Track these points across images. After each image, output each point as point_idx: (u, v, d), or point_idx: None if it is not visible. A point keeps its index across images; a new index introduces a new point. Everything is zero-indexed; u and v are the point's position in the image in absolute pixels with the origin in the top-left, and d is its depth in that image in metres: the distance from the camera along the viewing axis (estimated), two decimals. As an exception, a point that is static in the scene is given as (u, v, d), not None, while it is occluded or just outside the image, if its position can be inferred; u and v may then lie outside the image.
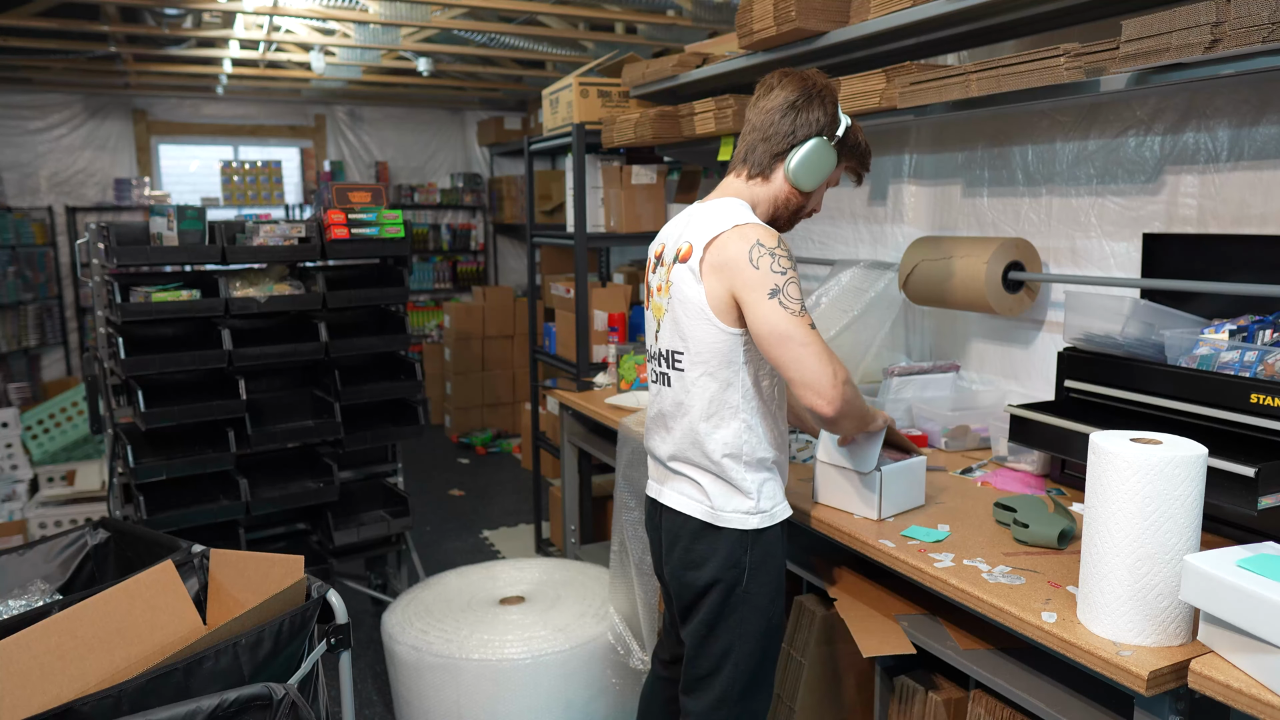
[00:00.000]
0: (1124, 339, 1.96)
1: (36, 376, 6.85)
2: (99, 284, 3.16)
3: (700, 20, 4.46)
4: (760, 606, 1.76)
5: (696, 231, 1.70)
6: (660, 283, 1.79)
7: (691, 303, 1.69)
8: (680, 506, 1.78)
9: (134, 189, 6.95)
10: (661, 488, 1.86)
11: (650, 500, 1.93)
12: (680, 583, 1.80)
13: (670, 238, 1.81)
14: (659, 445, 1.85)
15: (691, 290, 1.68)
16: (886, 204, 3.07)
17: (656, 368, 1.82)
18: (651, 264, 1.87)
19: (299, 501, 3.23)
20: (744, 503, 1.73)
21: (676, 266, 1.72)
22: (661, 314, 1.78)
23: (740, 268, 1.62)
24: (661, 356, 1.80)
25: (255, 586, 1.75)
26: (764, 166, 1.78)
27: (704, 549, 1.75)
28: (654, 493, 1.89)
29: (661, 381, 1.81)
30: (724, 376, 1.70)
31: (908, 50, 2.57)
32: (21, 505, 4.34)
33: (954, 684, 1.82)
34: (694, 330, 1.70)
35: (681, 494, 1.79)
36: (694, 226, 1.73)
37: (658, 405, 1.83)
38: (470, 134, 8.37)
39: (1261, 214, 1.99)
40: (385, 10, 4.40)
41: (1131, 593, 1.34)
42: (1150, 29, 1.65)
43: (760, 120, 1.78)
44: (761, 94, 1.80)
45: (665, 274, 1.77)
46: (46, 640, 1.44)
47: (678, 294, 1.72)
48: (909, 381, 2.60)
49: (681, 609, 1.83)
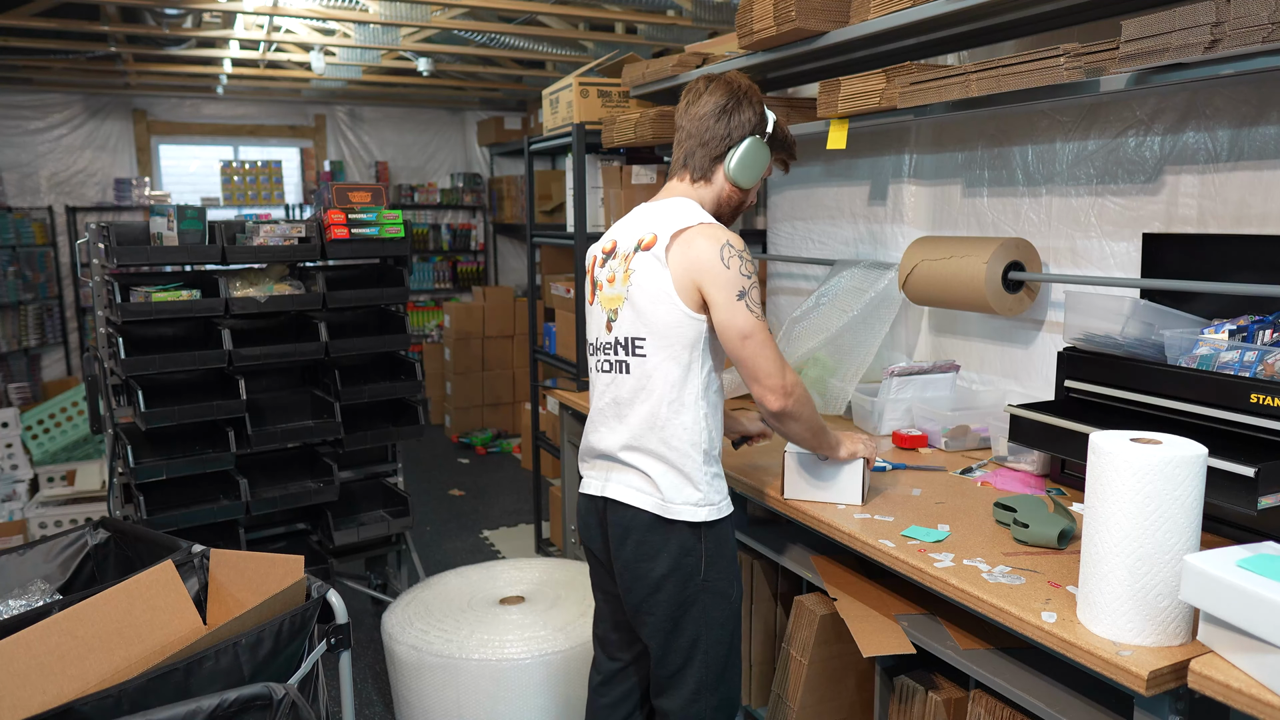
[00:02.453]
0: (1124, 339, 1.96)
1: (36, 376, 6.85)
2: (99, 284, 3.16)
3: (700, 20, 4.47)
4: (721, 590, 1.81)
5: (659, 224, 1.77)
6: (613, 274, 1.83)
7: (657, 287, 1.74)
8: (630, 500, 1.78)
9: (134, 189, 6.95)
10: (606, 483, 1.84)
11: (588, 499, 1.90)
12: (634, 576, 1.80)
13: (623, 234, 1.86)
14: (607, 437, 1.84)
15: (657, 275, 1.74)
16: (886, 204, 3.07)
17: (610, 357, 1.83)
18: (598, 259, 1.91)
19: (299, 501, 3.23)
20: (693, 494, 1.76)
21: (639, 255, 1.78)
22: (618, 303, 1.81)
23: (710, 264, 1.70)
24: (618, 345, 1.81)
25: (255, 586, 1.75)
26: (705, 170, 1.87)
27: (656, 540, 1.77)
28: (595, 489, 1.87)
29: (617, 369, 1.82)
30: (685, 360, 1.75)
31: (908, 50, 2.57)
32: (21, 505, 4.34)
33: (954, 684, 1.82)
34: (658, 314, 1.74)
35: (630, 486, 1.79)
36: (653, 221, 1.80)
37: (610, 394, 1.83)
38: (470, 134, 8.37)
39: (1261, 214, 1.99)
40: (385, 10, 4.40)
41: (1131, 593, 1.34)
42: (1150, 29, 1.65)
43: (695, 127, 1.86)
44: (690, 100, 1.88)
45: (623, 265, 1.81)
46: (46, 640, 1.44)
47: (640, 280, 1.76)
48: (909, 381, 2.60)
49: (635, 606, 1.83)
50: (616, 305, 1.82)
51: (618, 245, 1.85)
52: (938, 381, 2.65)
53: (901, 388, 2.59)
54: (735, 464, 2.33)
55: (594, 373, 1.90)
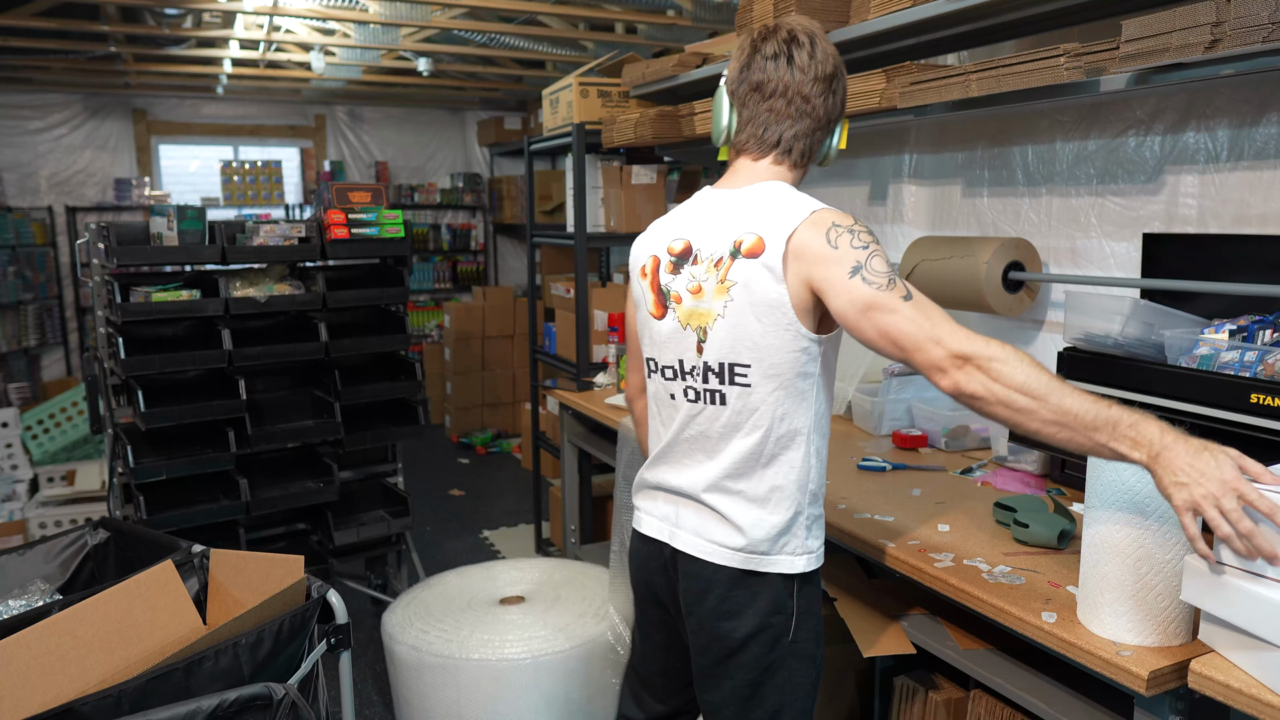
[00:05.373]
0: (1124, 339, 1.96)
1: (36, 376, 6.85)
2: (99, 284, 3.16)
3: (700, 20, 4.46)
4: (809, 654, 1.54)
5: (760, 222, 1.43)
6: (698, 284, 1.48)
7: (769, 305, 1.41)
8: (708, 555, 1.51)
9: (134, 189, 6.95)
10: (675, 529, 1.56)
11: (649, 543, 1.63)
12: (711, 636, 1.52)
13: (701, 232, 1.51)
14: (686, 474, 1.54)
15: (769, 290, 1.40)
16: (886, 204, 3.07)
17: (698, 385, 1.50)
18: (662, 262, 1.55)
19: (299, 501, 3.23)
20: (792, 542, 1.49)
21: (741, 263, 1.43)
22: (709, 320, 1.47)
23: (819, 258, 1.38)
24: (710, 371, 1.48)
25: (255, 586, 1.75)
26: (808, 153, 1.54)
27: (743, 596, 1.49)
28: (661, 533, 1.59)
29: (706, 399, 1.50)
30: (799, 390, 1.45)
31: (908, 50, 2.57)
32: (21, 505, 4.34)
33: (954, 684, 1.82)
34: (769, 337, 1.42)
35: (707, 539, 1.52)
36: (748, 216, 1.46)
37: (696, 427, 1.52)
38: (470, 134, 8.37)
39: (1261, 214, 1.99)
40: (385, 10, 4.40)
41: (1131, 593, 1.34)
42: (1150, 29, 1.65)
43: (809, 93, 1.48)
44: (794, 55, 1.47)
45: (712, 272, 1.47)
46: (46, 640, 1.44)
47: (744, 296, 1.43)
48: (909, 381, 2.60)
49: (708, 669, 1.55)
50: (706, 323, 1.47)
51: (695, 246, 1.50)
52: (938, 381, 2.64)
53: (901, 388, 2.59)
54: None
55: (663, 397, 1.58)
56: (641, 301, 1.60)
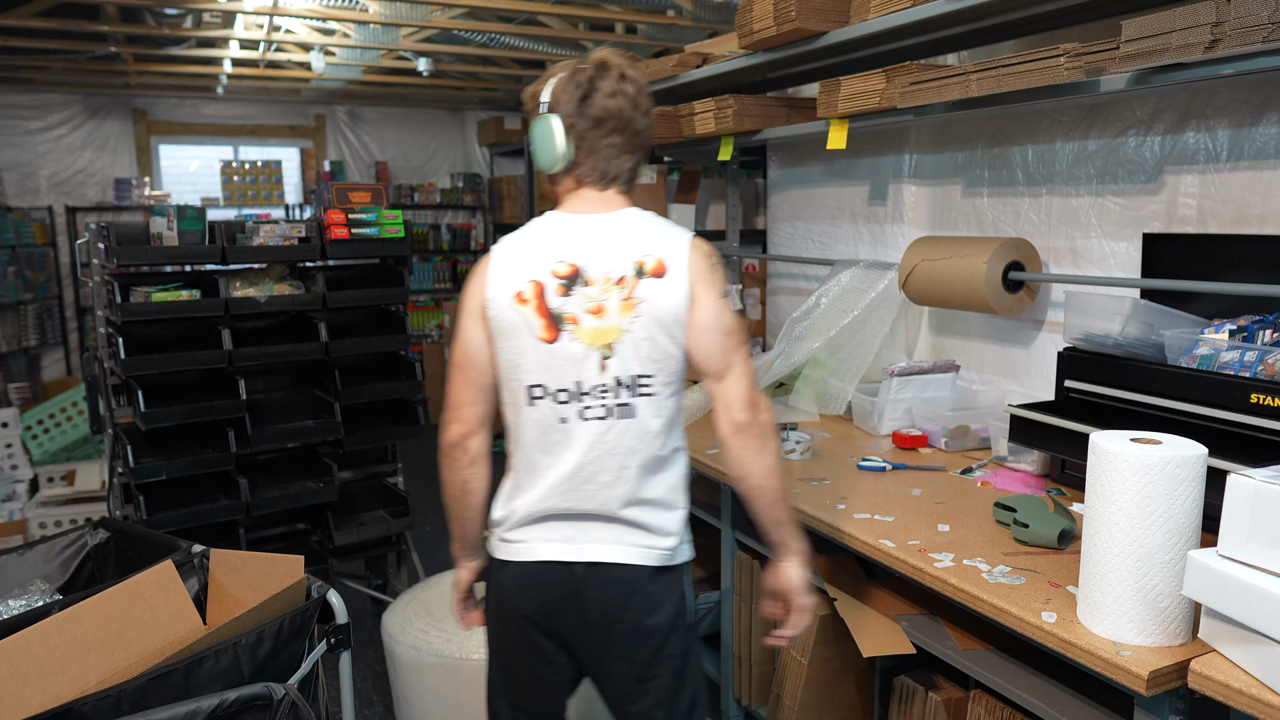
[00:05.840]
0: (1124, 339, 1.96)
1: (36, 376, 6.85)
2: (99, 284, 3.16)
3: (700, 20, 4.46)
4: (698, 633, 1.69)
5: (653, 246, 1.55)
6: (598, 305, 1.53)
7: (674, 319, 1.53)
8: (630, 559, 1.56)
9: (134, 189, 6.95)
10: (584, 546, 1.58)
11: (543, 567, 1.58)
12: (639, 637, 1.58)
13: (587, 255, 1.56)
14: (595, 497, 1.56)
15: (675, 306, 1.53)
16: (886, 204, 3.07)
17: (605, 401, 1.54)
18: (553, 287, 1.55)
19: (299, 501, 3.23)
20: (685, 533, 1.62)
21: (646, 281, 1.53)
22: (614, 337, 1.53)
23: (703, 274, 1.55)
24: (619, 386, 1.54)
25: (255, 586, 1.75)
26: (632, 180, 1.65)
27: (659, 591, 1.58)
28: (569, 555, 1.57)
29: (614, 415, 1.54)
30: (678, 393, 1.60)
31: (908, 50, 2.57)
32: (21, 505, 4.34)
33: (954, 684, 1.82)
34: (670, 348, 1.54)
35: (627, 544, 1.56)
36: (639, 240, 1.56)
37: (602, 446, 1.54)
38: (470, 134, 8.37)
39: (1261, 214, 1.99)
40: (385, 10, 4.40)
41: (1131, 593, 1.34)
42: (1150, 29, 1.65)
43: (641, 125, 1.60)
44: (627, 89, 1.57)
45: (615, 292, 1.54)
46: (46, 640, 1.44)
47: (652, 311, 1.52)
48: (909, 381, 2.60)
49: (638, 674, 1.60)
50: (612, 339, 1.54)
51: (583, 268, 1.55)
52: (938, 381, 2.65)
53: (901, 388, 2.59)
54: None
55: (549, 424, 1.56)
56: (519, 329, 1.55)
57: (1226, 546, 1.24)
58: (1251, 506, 1.21)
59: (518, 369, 1.57)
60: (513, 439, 1.62)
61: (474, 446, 1.65)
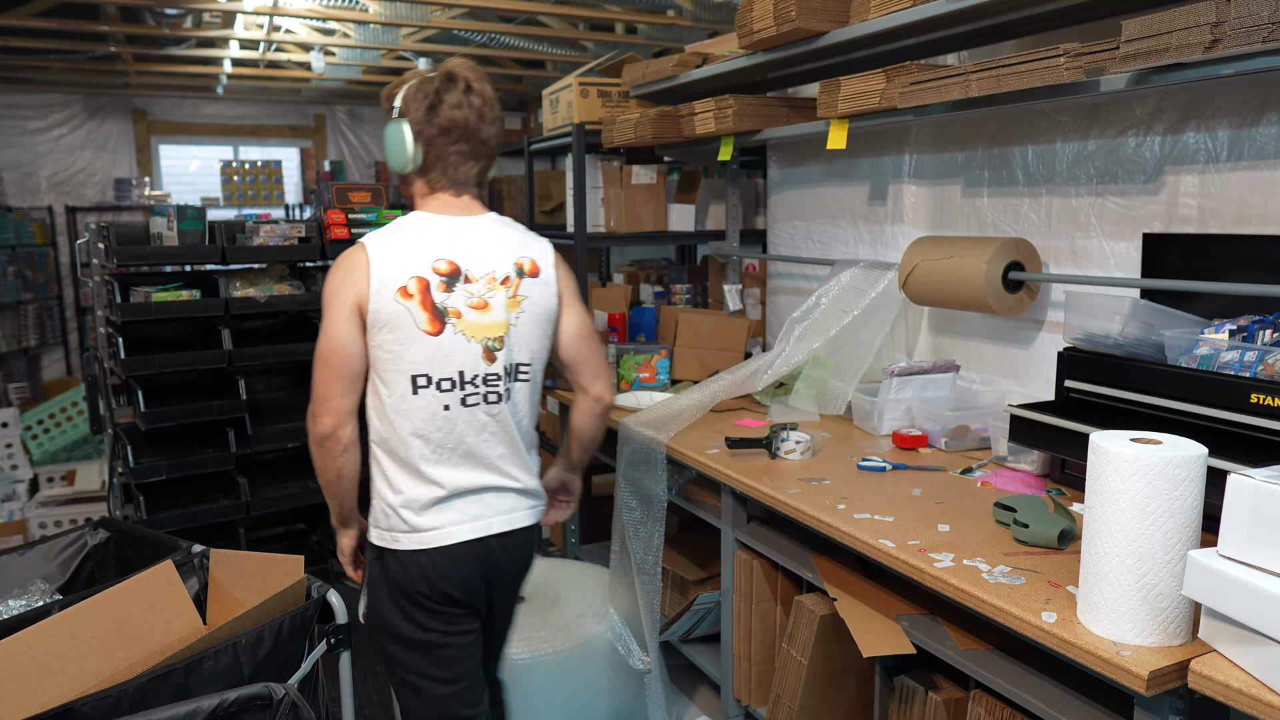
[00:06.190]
0: (1124, 339, 1.96)
1: (36, 376, 6.85)
2: (99, 284, 3.16)
3: (700, 20, 4.47)
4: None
5: (526, 249, 1.78)
6: (483, 301, 1.70)
7: (548, 314, 1.80)
8: (527, 521, 1.82)
9: (134, 189, 6.95)
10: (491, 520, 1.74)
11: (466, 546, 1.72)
12: (522, 578, 1.89)
13: (465, 255, 1.70)
14: (492, 471, 1.74)
15: (549, 303, 1.79)
16: (886, 204, 3.07)
17: (494, 388, 1.71)
18: (437, 284, 1.67)
19: (299, 501, 3.23)
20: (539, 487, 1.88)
21: (527, 281, 1.76)
22: (501, 330, 1.71)
23: (565, 277, 1.84)
24: (506, 374, 1.73)
25: (255, 586, 1.75)
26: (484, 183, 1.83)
27: (535, 538, 1.89)
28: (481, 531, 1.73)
29: (504, 399, 1.73)
30: (541, 377, 1.86)
31: (908, 50, 2.57)
32: (21, 505, 4.34)
33: (954, 684, 1.82)
34: (543, 340, 1.80)
35: (520, 508, 1.80)
36: (514, 244, 1.77)
37: (492, 427, 1.72)
38: (470, 134, 8.37)
39: (1261, 214, 1.99)
40: (385, 10, 4.40)
41: (1132, 593, 1.34)
42: (1150, 29, 1.65)
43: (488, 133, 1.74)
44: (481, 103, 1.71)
45: (501, 290, 1.72)
46: (46, 640, 1.44)
47: (532, 307, 1.76)
48: (909, 381, 2.60)
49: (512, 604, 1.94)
50: (499, 333, 1.71)
51: (463, 267, 1.69)
52: (938, 381, 2.65)
53: (901, 388, 2.59)
54: (735, 465, 2.33)
55: (433, 410, 1.67)
56: (402, 322, 1.64)
57: (1226, 546, 1.24)
58: (1251, 506, 1.21)
59: (399, 359, 1.65)
60: (386, 427, 1.69)
61: (346, 436, 1.70)
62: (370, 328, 1.65)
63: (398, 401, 1.66)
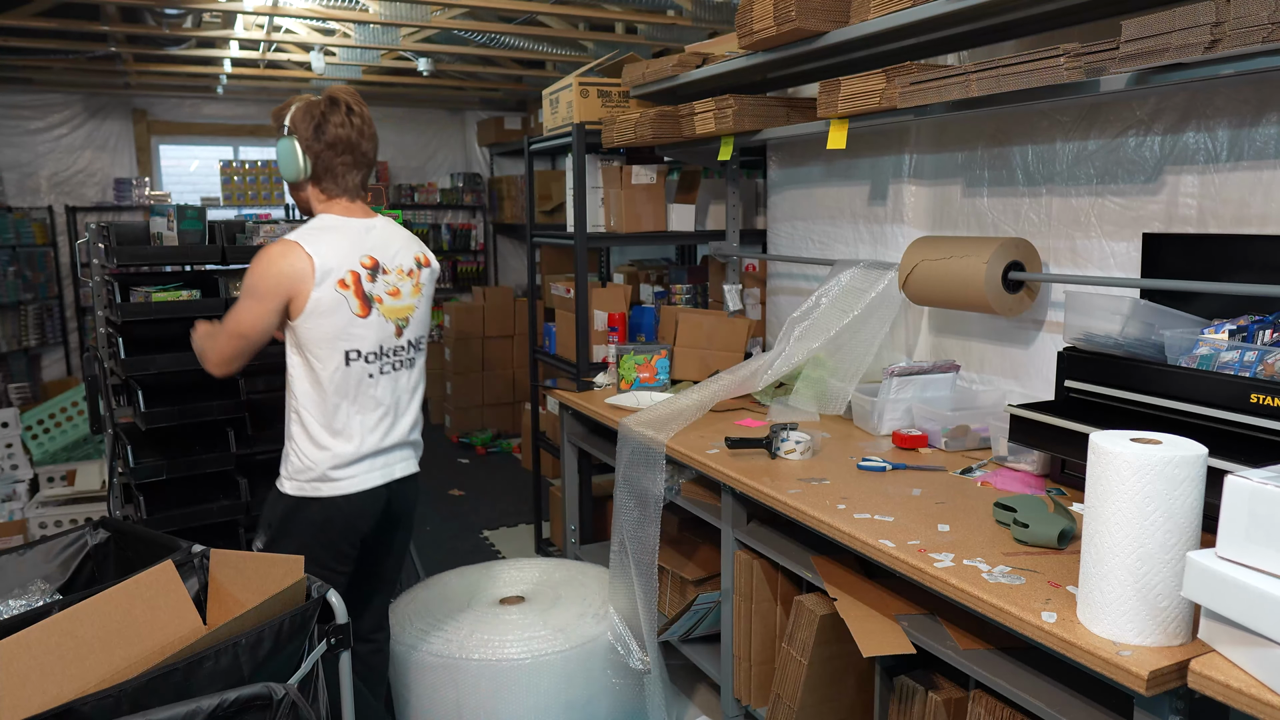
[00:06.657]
0: (1124, 339, 1.96)
1: (36, 376, 6.85)
2: (99, 284, 3.16)
3: (700, 20, 4.47)
4: None
5: (416, 246, 2.19)
6: (396, 288, 2.10)
7: (431, 297, 2.23)
8: (414, 469, 2.22)
9: (134, 189, 6.95)
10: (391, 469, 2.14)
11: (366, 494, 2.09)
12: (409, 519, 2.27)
13: (378, 251, 2.07)
14: (397, 430, 2.14)
15: (432, 287, 2.23)
16: (886, 204, 3.07)
17: (402, 358, 2.13)
18: (364, 275, 2.03)
19: (299, 501, 3.22)
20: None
21: (423, 272, 2.18)
22: (410, 312, 2.13)
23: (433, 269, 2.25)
24: (410, 346, 2.15)
25: (255, 586, 1.75)
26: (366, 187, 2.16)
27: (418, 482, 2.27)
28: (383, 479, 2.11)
29: (406, 367, 2.14)
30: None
31: (908, 50, 2.57)
32: (21, 505, 4.34)
33: (954, 684, 1.82)
34: (428, 321, 2.23)
35: (413, 459, 2.22)
36: (410, 242, 2.17)
37: (399, 390, 2.13)
38: (470, 134, 8.37)
39: (1261, 214, 1.99)
40: (385, 10, 4.40)
41: (1132, 592, 1.34)
42: (1150, 29, 1.65)
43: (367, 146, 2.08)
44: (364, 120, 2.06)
45: (410, 280, 2.13)
46: (46, 640, 1.44)
47: (426, 293, 2.20)
48: (909, 381, 2.60)
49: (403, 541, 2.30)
50: (408, 314, 2.13)
51: (380, 261, 2.06)
52: (938, 381, 2.65)
53: (901, 388, 2.59)
54: (736, 465, 2.33)
55: (360, 378, 2.04)
56: (340, 308, 1.99)
57: (1225, 548, 1.24)
58: (1249, 508, 1.21)
59: (336, 339, 2.00)
60: (318, 393, 2.02)
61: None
62: (309, 313, 1.96)
63: (332, 373, 2.01)
